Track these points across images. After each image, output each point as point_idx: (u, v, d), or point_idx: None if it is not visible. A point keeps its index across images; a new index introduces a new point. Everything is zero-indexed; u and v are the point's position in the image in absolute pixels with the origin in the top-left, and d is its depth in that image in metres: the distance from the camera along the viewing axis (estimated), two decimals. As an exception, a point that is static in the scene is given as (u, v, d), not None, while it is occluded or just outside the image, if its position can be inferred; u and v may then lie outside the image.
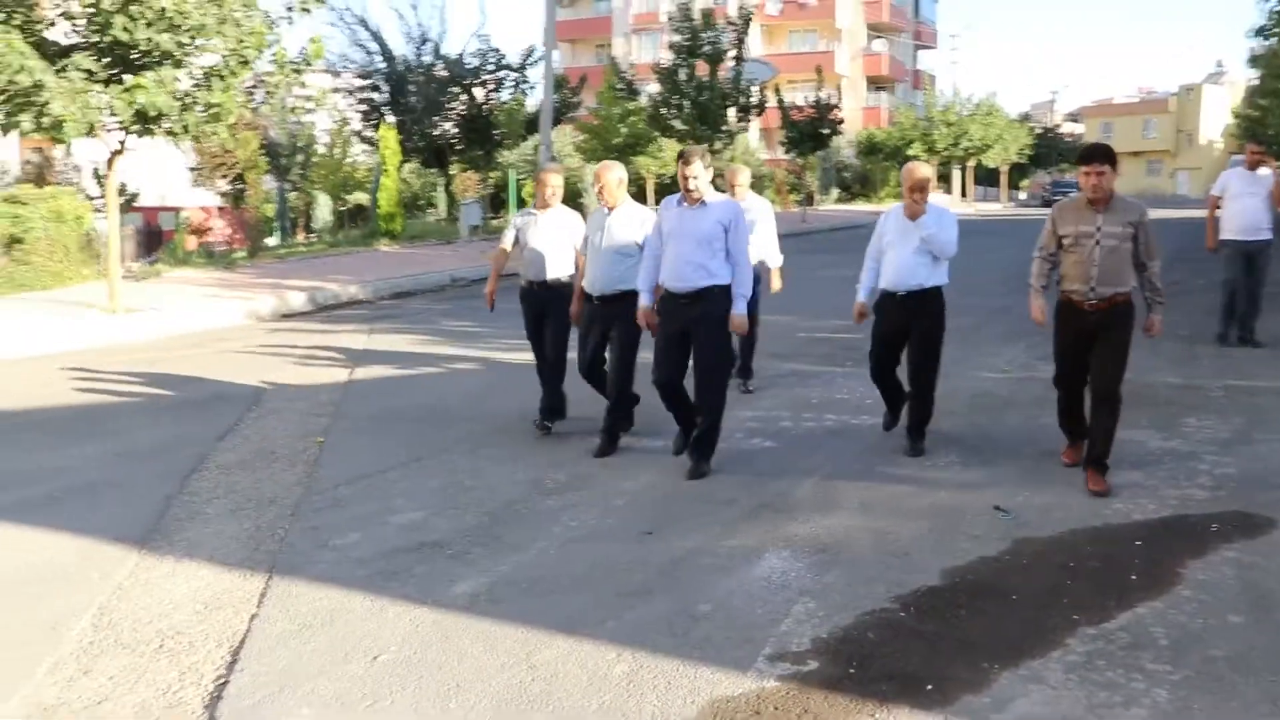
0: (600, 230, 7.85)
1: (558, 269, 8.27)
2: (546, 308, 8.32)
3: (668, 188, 49.72)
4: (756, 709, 4.04)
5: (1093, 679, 4.22)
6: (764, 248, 9.81)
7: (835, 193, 59.55)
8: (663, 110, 30.86)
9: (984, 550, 5.65)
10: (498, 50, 33.60)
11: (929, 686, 4.16)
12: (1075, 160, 6.81)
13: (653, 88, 32.01)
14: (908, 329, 7.70)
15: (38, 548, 6.00)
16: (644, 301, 7.37)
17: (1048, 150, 73.56)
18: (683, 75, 30.08)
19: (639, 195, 50.56)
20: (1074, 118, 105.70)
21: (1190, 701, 4.05)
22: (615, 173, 7.94)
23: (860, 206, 54.63)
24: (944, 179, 63.49)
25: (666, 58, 32.50)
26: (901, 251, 7.64)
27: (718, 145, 31.56)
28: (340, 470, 7.45)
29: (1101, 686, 4.16)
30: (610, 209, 7.90)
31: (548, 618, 4.88)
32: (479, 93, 33.78)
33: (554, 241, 8.27)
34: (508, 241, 8.48)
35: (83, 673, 4.46)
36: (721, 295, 7.09)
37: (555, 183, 8.38)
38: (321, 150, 40.66)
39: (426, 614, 4.97)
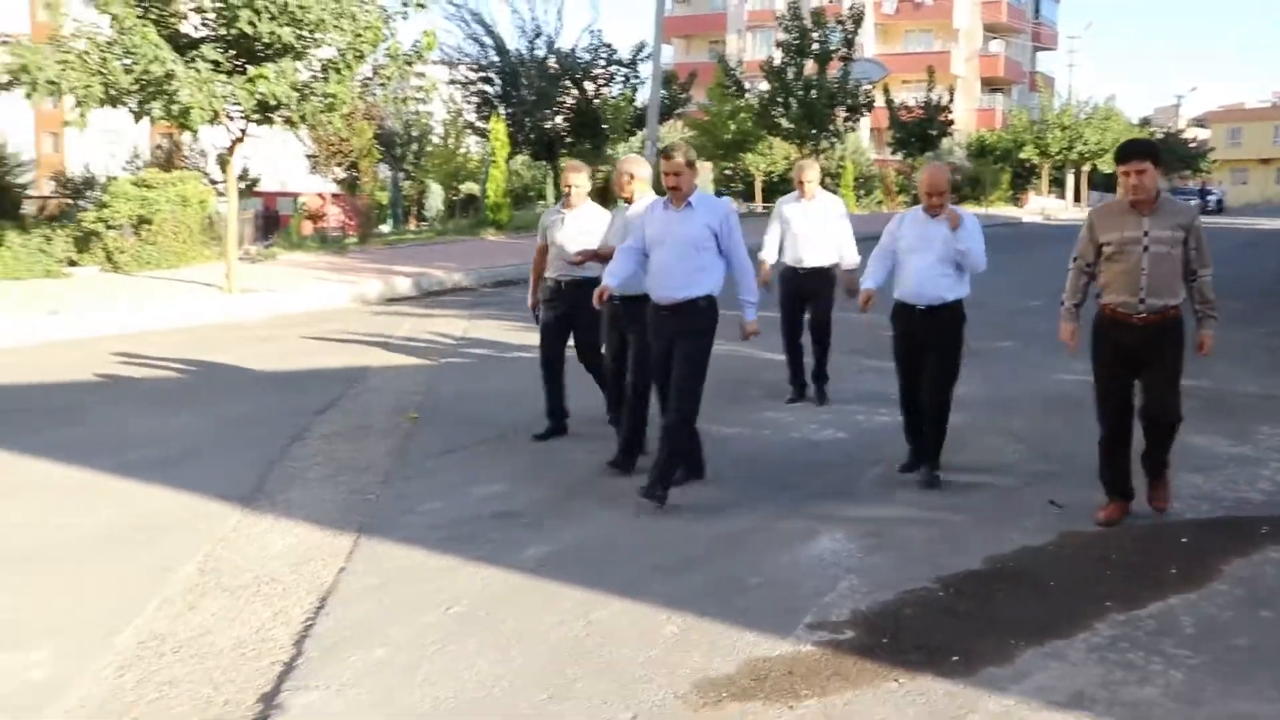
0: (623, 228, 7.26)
1: (584, 268, 7.75)
2: (573, 308, 7.95)
3: (775, 186, 49.89)
4: (790, 669, 4.38)
5: (1112, 659, 4.47)
6: (840, 247, 9.41)
7: (945, 194, 58.98)
8: (770, 109, 31.06)
9: (1030, 541, 5.89)
10: (609, 46, 34.13)
11: (955, 658, 4.45)
12: (1115, 158, 6.07)
13: (762, 85, 32.24)
14: (926, 345, 7.03)
15: (153, 501, 6.57)
16: (606, 280, 6.74)
17: (1169, 156, 72.04)
18: (791, 74, 30.26)
19: (747, 193, 50.78)
20: (1200, 123, 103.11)
21: (1203, 684, 4.27)
22: (639, 168, 7.50)
23: (969, 209, 53.95)
24: (1058, 183, 62.60)
25: (778, 55, 32.67)
26: (922, 260, 6.97)
27: (824, 145, 31.65)
28: (430, 444, 7.92)
29: (1120, 666, 4.41)
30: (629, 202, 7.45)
31: (607, 581, 5.26)
32: (589, 87, 34.33)
33: (578, 241, 7.74)
34: (541, 241, 8.18)
35: (188, 609, 4.97)
36: (706, 307, 6.55)
37: (576, 181, 8.10)
38: (436, 140, 41.64)
39: (497, 574, 5.39)
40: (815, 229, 9.31)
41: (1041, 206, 56.49)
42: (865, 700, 4.12)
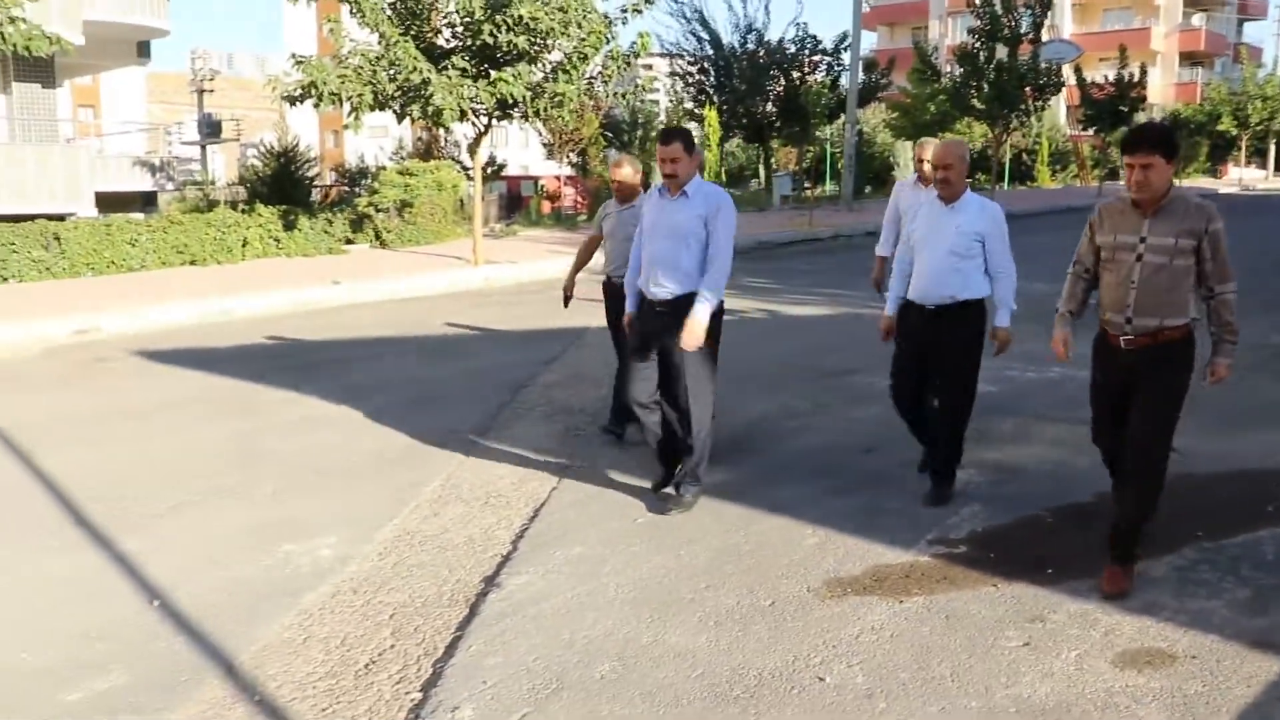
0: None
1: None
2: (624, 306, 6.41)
3: (974, 163, 48.84)
4: (907, 574, 4.88)
5: (1189, 576, 4.78)
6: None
7: (1139, 167, 56.21)
8: (963, 91, 30.58)
9: (1141, 478, 6.15)
10: (814, 37, 34.20)
11: (1049, 570, 4.85)
12: (1120, 146, 4.89)
13: (957, 69, 31.75)
14: (933, 354, 5.78)
15: (408, 434, 7.47)
16: (628, 307, 6.11)
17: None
18: (982, 58, 29.70)
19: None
20: None
21: (1268, 602, 4.52)
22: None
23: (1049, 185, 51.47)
24: (1260, 154, 58.85)
25: (971, 40, 32.07)
26: (933, 252, 5.72)
27: (1014, 124, 30.97)
28: (634, 392, 8.63)
29: (1194, 583, 4.71)
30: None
31: (766, 503, 5.83)
32: (795, 75, 34.48)
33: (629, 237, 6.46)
34: (595, 232, 7.43)
35: (433, 514, 5.81)
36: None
37: (621, 175, 7.08)
38: (660, 126, 42.49)
39: (677, 494, 6.05)
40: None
41: (1240, 177, 53.33)
42: (965, 598, 4.59)
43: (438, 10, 16.50)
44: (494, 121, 16.79)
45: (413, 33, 15.80)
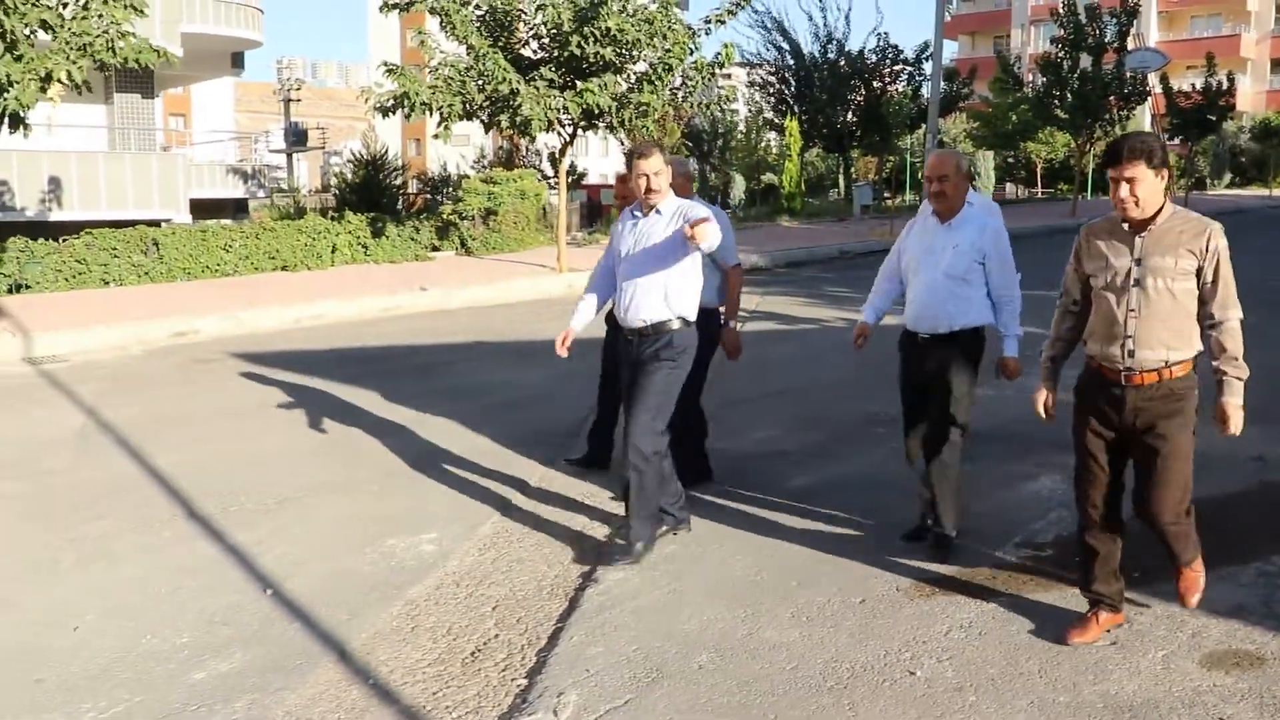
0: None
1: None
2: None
3: (1055, 172, 48.27)
4: (994, 574, 4.97)
5: (1277, 582, 4.82)
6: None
7: (1227, 177, 55.23)
8: (1046, 100, 30.32)
9: (1227, 488, 6.14)
10: (895, 47, 34.16)
11: (1136, 574, 4.89)
12: (1102, 158, 4.14)
13: (1040, 78, 31.49)
14: (929, 384, 5.21)
15: (501, 435, 7.71)
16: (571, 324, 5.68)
17: None
18: (1066, 67, 29.44)
19: (1029, 179, 49.25)
20: None
21: (1358, 606, 4.57)
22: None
23: (1254, 191, 50.45)
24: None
25: (1054, 49, 31.79)
26: (927, 274, 5.12)
27: (1098, 133, 30.61)
28: (720, 396, 8.72)
29: (1283, 589, 4.77)
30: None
31: (852, 507, 5.96)
32: (876, 85, 34.43)
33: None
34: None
35: (529, 512, 6.03)
36: (685, 332, 5.29)
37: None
38: (740, 136, 42.65)
39: (765, 498, 6.18)
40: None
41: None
42: (1052, 598, 4.68)
43: (524, 22, 16.83)
44: (579, 131, 17.07)
45: (500, 44, 16.15)
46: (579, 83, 16.11)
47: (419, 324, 13.50)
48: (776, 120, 35.94)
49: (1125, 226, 4.06)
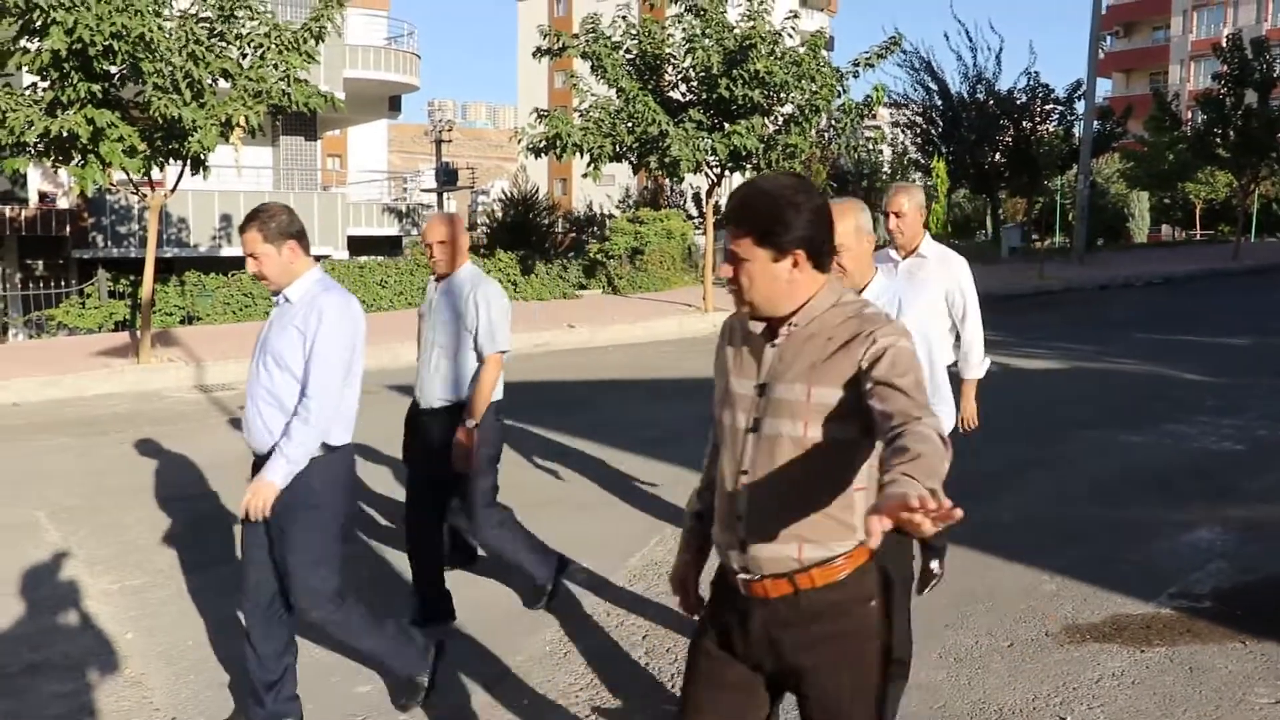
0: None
1: None
2: None
3: (1216, 213, 46.62)
4: (1148, 624, 4.92)
5: None
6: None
7: None
8: (1207, 138, 29.40)
9: None
10: (1046, 86, 33.51)
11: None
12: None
13: (1199, 115, 30.55)
14: None
15: (650, 470, 7.90)
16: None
17: None
18: (1229, 104, 28.52)
19: (1186, 220, 47.63)
20: None
21: None
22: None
23: None
24: None
25: (1216, 86, 30.85)
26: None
27: (1264, 172, 29.54)
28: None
29: None
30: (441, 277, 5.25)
31: (1002, 550, 5.93)
32: (1026, 124, 33.86)
33: None
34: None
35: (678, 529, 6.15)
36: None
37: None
38: (885, 176, 42.39)
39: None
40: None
41: None
42: (1209, 653, 4.61)
43: (673, 64, 17.18)
44: (725, 172, 17.29)
45: (650, 86, 16.53)
46: (727, 124, 16.36)
47: (567, 360, 13.84)
48: (923, 161, 35.61)
49: (754, 326, 2.45)
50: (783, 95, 16.55)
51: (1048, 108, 33.59)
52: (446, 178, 52.21)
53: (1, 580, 5.79)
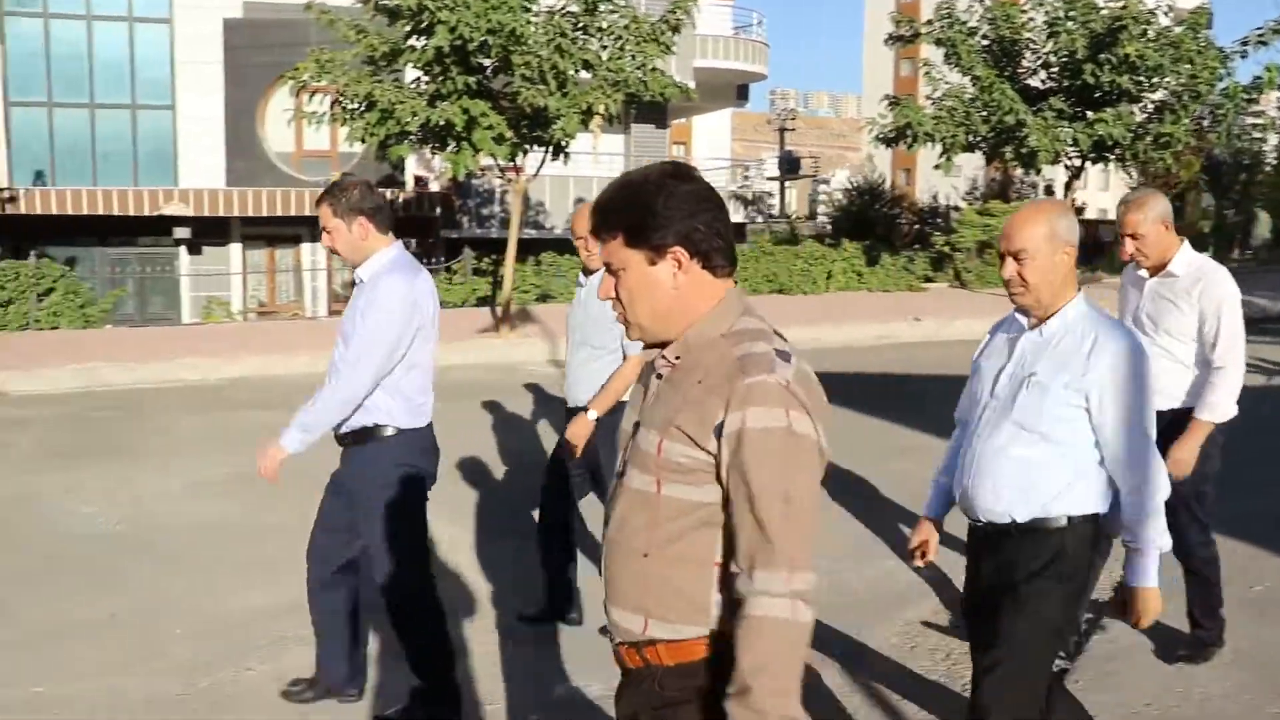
0: None
1: None
2: None
3: None
4: None
5: None
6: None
7: None
8: None
9: None
10: None
11: None
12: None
13: None
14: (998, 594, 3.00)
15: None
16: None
17: None
18: None
19: None
20: None
21: None
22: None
23: None
24: None
25: None
26: (987, 428, 3.09)
27: None
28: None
29: None
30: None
31: None
32: None
33: None
34: None
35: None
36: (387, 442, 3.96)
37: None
38: (1269, 167, 38.88)
39: None
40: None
41: None
42: None
43: (1032, 50, 16.49)
44: (1086, 164, 16.44)
45: (1007, 74, 15.92)
46: (1090, 113, 15.52)
47: (911, 354, 13.60)
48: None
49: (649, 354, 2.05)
50: (1154, 80, 15.52)
51: None
52: (789, 166, 52.60)
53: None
